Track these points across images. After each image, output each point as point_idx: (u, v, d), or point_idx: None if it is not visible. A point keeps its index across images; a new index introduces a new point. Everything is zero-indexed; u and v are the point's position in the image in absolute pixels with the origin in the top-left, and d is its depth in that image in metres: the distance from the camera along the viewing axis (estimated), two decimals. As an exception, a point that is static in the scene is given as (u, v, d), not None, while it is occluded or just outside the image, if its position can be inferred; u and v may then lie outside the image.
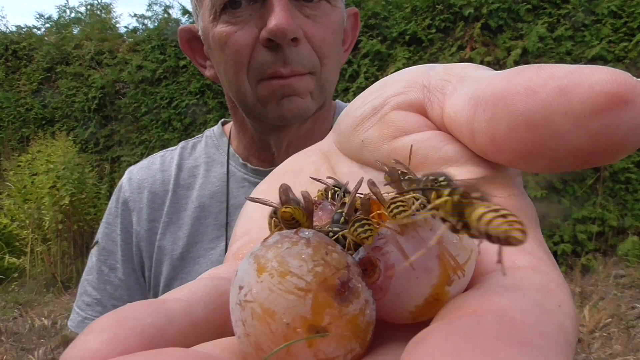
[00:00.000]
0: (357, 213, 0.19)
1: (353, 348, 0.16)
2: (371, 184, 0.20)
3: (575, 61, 3.69)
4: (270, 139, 0.81)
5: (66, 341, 3.11)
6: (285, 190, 0.21)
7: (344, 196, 0.23)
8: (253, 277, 0.16)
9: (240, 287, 0.17)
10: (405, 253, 0.16)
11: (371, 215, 0.19)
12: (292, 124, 0.78)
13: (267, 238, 0.18)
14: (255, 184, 0.83)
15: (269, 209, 0.32)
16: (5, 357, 3.00)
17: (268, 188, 0.32)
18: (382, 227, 0.17)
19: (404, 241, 0.16)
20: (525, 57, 3.76)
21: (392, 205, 0.17)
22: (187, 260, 0.83)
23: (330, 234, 0.19)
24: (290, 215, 0.19)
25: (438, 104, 0.26)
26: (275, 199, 0.27)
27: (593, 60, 3.65)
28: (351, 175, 0.29)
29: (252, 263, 0.17)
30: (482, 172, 0.24)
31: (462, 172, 0.24)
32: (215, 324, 0.20)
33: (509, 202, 0.22)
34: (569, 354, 0.14)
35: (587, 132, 0.19)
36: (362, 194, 0.22)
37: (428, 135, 0.26)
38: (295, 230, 0.18)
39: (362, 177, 0.22)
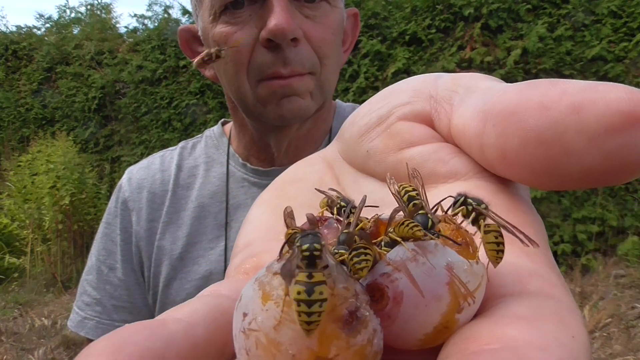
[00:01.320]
0: (359, 240, 0.18)
1: (359, 379, 0.16)
2: (396, 211, 0.19)
3: (575, 61, 3.69)
4: (270, 139, 0.81)
5: (66, 341, 3.11)
6: (290, 214, 0.21)
7: (351, 213, 0.22)
8: (258, 304, 0.16)
9: (245, 314, 0.16)
10: (414, 280, 0.16)
11: (375, 240, 0.19)
12: (292, 124, 0.78)
13: (280, 259, 0.18)
14: (255, 184, 0.83)
15: (272, 219, 0.31)
16: (5, 357, 3.00)
17: (271, 197, 0.32)
18: (385, 256, 0.17)
19: (414, 268, 0.16)
20: (525, 57, 3.76)
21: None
22: (186, 260, 0.83)
23: (336, 256, 0.18)
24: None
25: (445, 115, 0.26)
26: (277, 206, 0.26)
27: (593, 61, 3.64)
28: (355, 185, 0.29)
29: (257, 290, 0.16)
30: (490, 187, 0.24)
31: (470, 186, 0.24)
32: (216, 344, 0.19)
33: (517, 219, 0.22)
34: None
35: (601, 151, 0.19)
36: (370, 206, 0.22)
37: (435, 148, 0.26)
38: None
39: (365, 196, 0.22)
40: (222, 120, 0.94)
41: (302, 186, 0.31)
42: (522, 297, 0.17)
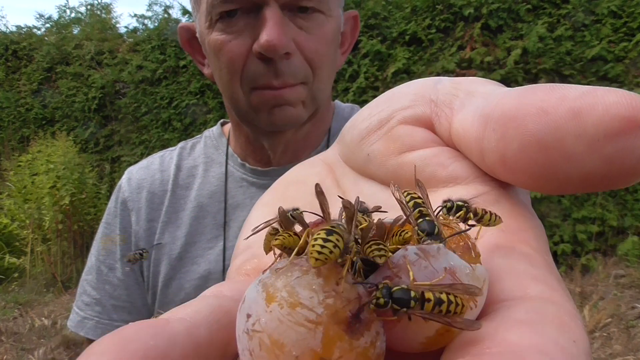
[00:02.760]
0: (372, 234, 0.19)
1: (362, 381, 0.16)
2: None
3: (575, 61, 3.68)
4: (264, 141, 0.82)
5: (66, 341, 3.11)
6: (283, 213, 0.21)
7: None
8: (262, 306, 0.16)
9: (249, 315, 0.16)
10: None
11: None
12: (285, 130, 0.78)
13: (274, 262, 0.18)
14: (253, 184, 0.83)
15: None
16: (5, 357, 3.00)
17: (272, 199, 0.32)
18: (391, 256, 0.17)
19: (417, 271, 0.16)
20: (525, 57, 3.76)
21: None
22: (185, 260, 0.83)
23: (339, 260, 0.18)
24: (282, 245, 0.19)
25: (446, 119, 0.26)
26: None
27: (593, 61, 3.64)
28: (356, 188, 0.29)
29: (261, 291, 0.16)
30: (490, 191, 0.24)
31: (470, 190, 0.24)
32: (218, 345, 0.19)
33: (517, 223, 0.22)
34: None
35: (600, 156, 0.19)
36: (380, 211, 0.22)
37: (435, 152, 0.26)
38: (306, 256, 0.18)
39: (358, 197, 0.22)
40: (222, 120, 0.95)
41: (303, 188, 0.31)
42: (523, 302, 0.17)
